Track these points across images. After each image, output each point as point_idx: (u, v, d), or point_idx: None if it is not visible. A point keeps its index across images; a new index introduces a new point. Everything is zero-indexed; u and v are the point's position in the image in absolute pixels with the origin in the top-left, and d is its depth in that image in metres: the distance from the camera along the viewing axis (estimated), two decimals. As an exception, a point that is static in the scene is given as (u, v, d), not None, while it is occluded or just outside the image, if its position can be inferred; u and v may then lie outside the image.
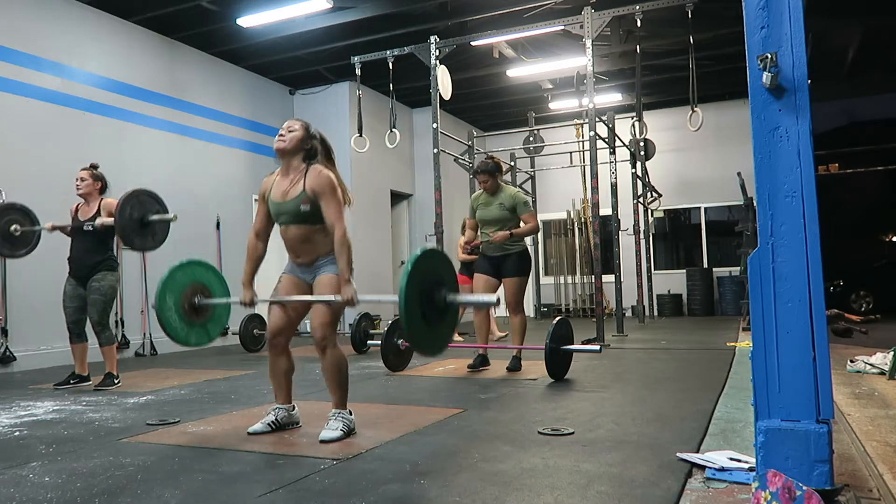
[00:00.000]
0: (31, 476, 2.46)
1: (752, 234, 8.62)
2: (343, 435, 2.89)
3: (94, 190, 4.82)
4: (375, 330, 7.21)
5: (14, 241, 4.91)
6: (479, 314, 5.15)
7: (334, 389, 2.98)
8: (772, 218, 1.97)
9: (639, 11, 6.90)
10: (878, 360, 4.51)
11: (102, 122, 7.26)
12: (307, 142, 3.04)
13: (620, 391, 4.07)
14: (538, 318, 12.00)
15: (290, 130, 3.03)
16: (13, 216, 4.91)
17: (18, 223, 4.91)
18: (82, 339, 4.79)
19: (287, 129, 3.04)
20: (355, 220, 9.82)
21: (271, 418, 3.08)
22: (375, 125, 9.81)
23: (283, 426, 3.10)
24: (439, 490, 2.17)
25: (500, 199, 4.98)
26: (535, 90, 11.22)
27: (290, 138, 3.01)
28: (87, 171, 4.84)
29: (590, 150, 7.20)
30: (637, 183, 10.22)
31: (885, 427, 2.86)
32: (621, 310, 8.37)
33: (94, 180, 4.82)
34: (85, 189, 4.80)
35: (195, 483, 2.31)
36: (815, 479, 1.87)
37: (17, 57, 6.45)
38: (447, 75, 7.84)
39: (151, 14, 7.55)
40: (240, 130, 9.19)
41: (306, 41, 8.70)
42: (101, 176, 4.88)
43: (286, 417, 3.11)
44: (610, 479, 2.24)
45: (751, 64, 2.00)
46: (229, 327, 8.45)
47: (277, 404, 3.12)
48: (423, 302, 2.56)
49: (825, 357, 1.91)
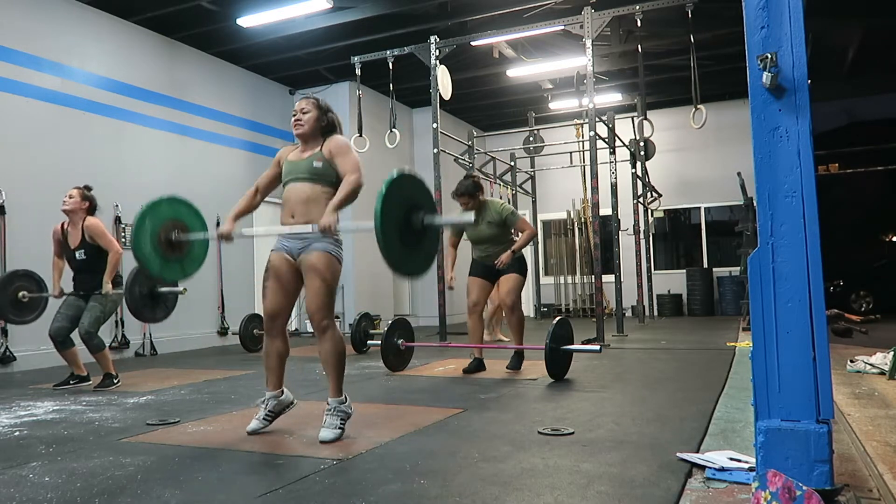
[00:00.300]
0: (31, 476, 2.46)
1: (752, 234, 8.63)
2: (341, 432, 2.90)
3: (80, 209, 4.73)
4: (375, 330, 7.21)
5: (22, 308, 4.95)
6: (472, 317, 5.08)
7: (332, 375, 2.98)
8: (772, 218, 1.97)
9: (639, 11, 6.90)
10: (878, 360, 4.51)
11: (102, 122, 7.26)
12: (322, 118, 3.08)
13: (620, 391, 4.07)
14: (538, 318, 12.00)
15: (305, 112, 3.06)
16: (22, 283, 4.95)
17: (27, 290, 4.96)
18: (67, 345, 4.73)
19: (301, 111, 3.07)
20: (356, 220, 9.81)
21: (263, 412, 3.08)
22: (375, 125, 9.81)
23: (277, 413, 3.11)
24: (439, 490, 2.17)
25: (486, 216, 4.87)
26: (535, 90, 11.22)
27: (307, 120, 3.05)
28: (77, 190, 4.76)
29: (590, 150, 7.20)
30: (637, 183, 10.22)
31: (885, 427, 2.85)
32: (621, 310, 8.37)
33: (82, 199, 4.74)
34: (71, 206, 4.70)
35: (195, 483, 2.31)
36: (815, 479, 1.87)
37: (17, 57, 6.45)
38: (447, 75, 7.84)
39: (151, 14, 7.55)
40: (240, 130, 9.19)
41: (306, 41, 8.70)
42: (90, 197, 4.81)
43: (277, 404, 3.11)
44: (610, 479, 2.24)
45: (751, 64, 2.00)
46: (229, 326, 8.51)
47: (267, 393, 3.10)
48: (401, 225, 2.61)
49: (825, 357, 1.91)
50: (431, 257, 2.85)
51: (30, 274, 5.05)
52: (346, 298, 9.72)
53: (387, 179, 2.59)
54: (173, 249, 3.28)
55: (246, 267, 9.14)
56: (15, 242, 6.22)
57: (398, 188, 2.64)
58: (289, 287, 3.02)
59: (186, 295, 5.15)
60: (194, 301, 8.17)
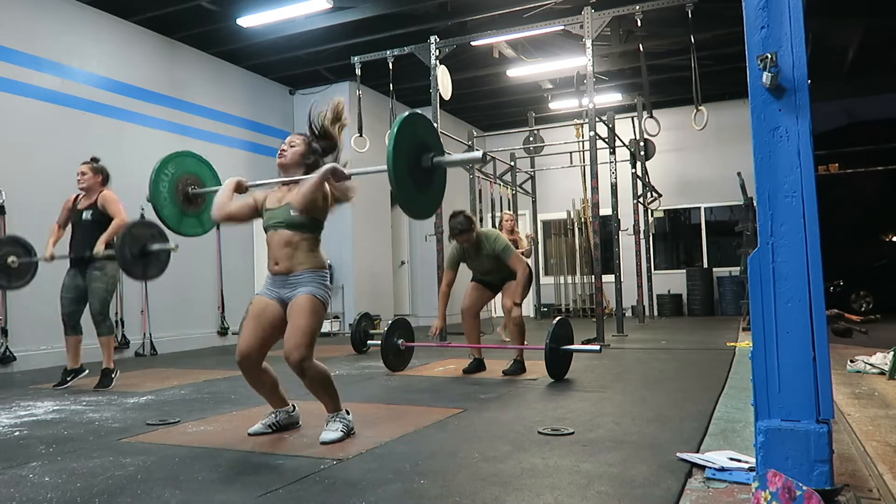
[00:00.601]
0: (31, 476, 2.46)
1: (752, 234, 8.62)
2: (343, 436, 2.88)
3: (96, 183, 4.84)
4: (375, 330, 7.21)
5: (11, 274, 4.91)
6: (467, 318, 5.08)
7: (325, 400, 2.95)
8: (772, 218, 1.97)
9: (639, 11, 6.90)
10: (878, 360, 4.50)
11: (102, 122, 7.26)
12: (308, 156, 3.03)
13: (620, 391, 4.07)
14: (538, 318, 12.00)
15: (292, 146, 3.04)
16: (10, 248, 4.92)
17: (16, 255, 4.92)
18: (77, 331, 4.80)
19: (289, 143, 3.05)
20: (355, 220, 9.82)
21: (272, 420, 3.07)
22: (375, 125, 9.81)
23: (284, 427, 3.10)
24: (439, 490, 2.17)
25: (484, 249, 4.86)
26: (535, 90, 11.21)
27: (290, 153, 3.02)
28: (87, 166, 4.86)
29: (590, 150, 7.20)
30: (637, 183, 10.22)
31: (885, 427, 2.85)
32: (621, 310, 8.37)
33: (94, 173, 4.84)
34: (87, 183, 4.83)
35: (195, 483, 2.31)
36: (815, 479, 1.87)
37: (17, 57, 6.45)
38: (447, 75, 7.84)
39: (151, 14, 7.55)
40: (240, 130, 9.19)
41: (306, 41, 8.70)
42: (101, 168, 4.90)
43: (286, 419, 3.11)
44: (610, 479, 2.24)
45: (751, 64, 2.00)
46: (229, 326, 8.50)
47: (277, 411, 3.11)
48: (411, 166, 2.65)
49: (825, 357, 1.91)
50: (439, 199, 2.89)
51: (16, 239, 4.99)
52: (347, 298, 9.72)
53: (397, 120, 2.64)
54: (191, 204, 3.38)
55: (246, 267, 9.14)
56: (15, 242, 6.23)
57: (410, 127, 2.67)
58: (266, 329, 2.89)
59: (186, 295, 5.15)
60: (194, 301, 8.18)
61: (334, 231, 9.63)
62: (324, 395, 2.94)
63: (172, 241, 4.43)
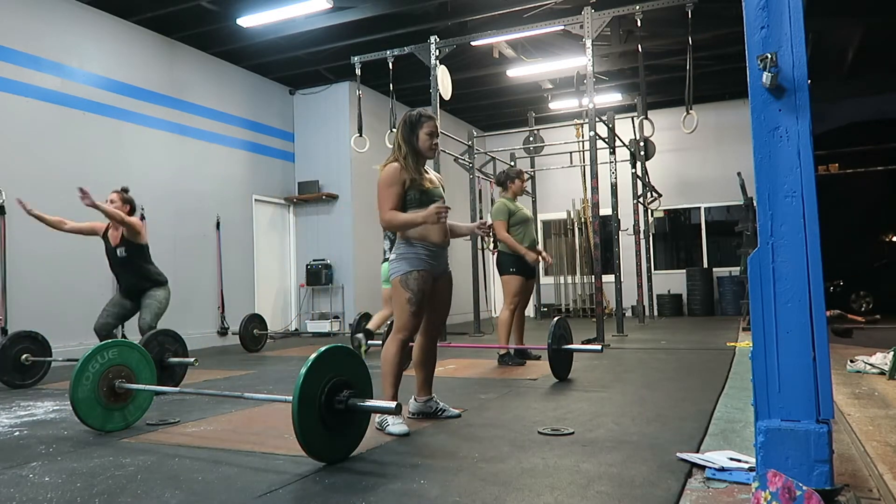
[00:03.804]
0: (31, 476, 2.46)
1: (752, 234, 8.63)
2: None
3: (123, 212, 4.88)
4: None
5: (24, 371, 4.93)
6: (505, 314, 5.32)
7: None
8: (772, 218, 1.97)
9: (639, 11, 6.91)
10: (878, 360, 4.50)
11: (102, 122, 7.26)
12: None
13: (620, 391, 4.06)
14: (538, 319, 12.00)
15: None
16: (25, 344, 4.95)
17: (30, 353, 4.95)
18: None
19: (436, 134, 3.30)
20: (356, 220, 9.82)
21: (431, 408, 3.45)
22: (375, 125, 9.81)
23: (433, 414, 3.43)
24: (439, 490, 2.17)
25: None
26: (535, 90, 11.21)
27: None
28: (117, 194, 4.94)
29: (590, 150, 7.20)
30: (637, 183, 10.22)
31: (885, 427, 2.85)
32: (621, 310, 8.37)
33: (122, 203, 4.91)
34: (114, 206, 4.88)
35: (195, 483, 2.31)
36: (815, 479, 1.87)
37: (17, 57, 6.45)
38: (447, 75, 7.84)
39: (151, 14, 7.56)
40: (240, 130, 9.19)
41: (306, 41, 8.70)
42: (130, 200, 4.98)
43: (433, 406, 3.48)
44: (610, 479, 2.24)
45: (751, 64, 2.00)
46: (229, 326, 8.50)
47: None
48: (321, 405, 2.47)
49: (825, 357, 1.91)
50: (352, 447, 2.63)
51: (33, 335, 5.03)
52: (347, 298, 9.72)
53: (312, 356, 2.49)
54: (118, 398, 3.22)
55: (246, 267, 9.14)
56: (15, 242, 6.23)
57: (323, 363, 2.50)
58: None
59: (186, 295, 5.17)
60: (194, 301, 8.18)
61: (334, 231, 9.65)
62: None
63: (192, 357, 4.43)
